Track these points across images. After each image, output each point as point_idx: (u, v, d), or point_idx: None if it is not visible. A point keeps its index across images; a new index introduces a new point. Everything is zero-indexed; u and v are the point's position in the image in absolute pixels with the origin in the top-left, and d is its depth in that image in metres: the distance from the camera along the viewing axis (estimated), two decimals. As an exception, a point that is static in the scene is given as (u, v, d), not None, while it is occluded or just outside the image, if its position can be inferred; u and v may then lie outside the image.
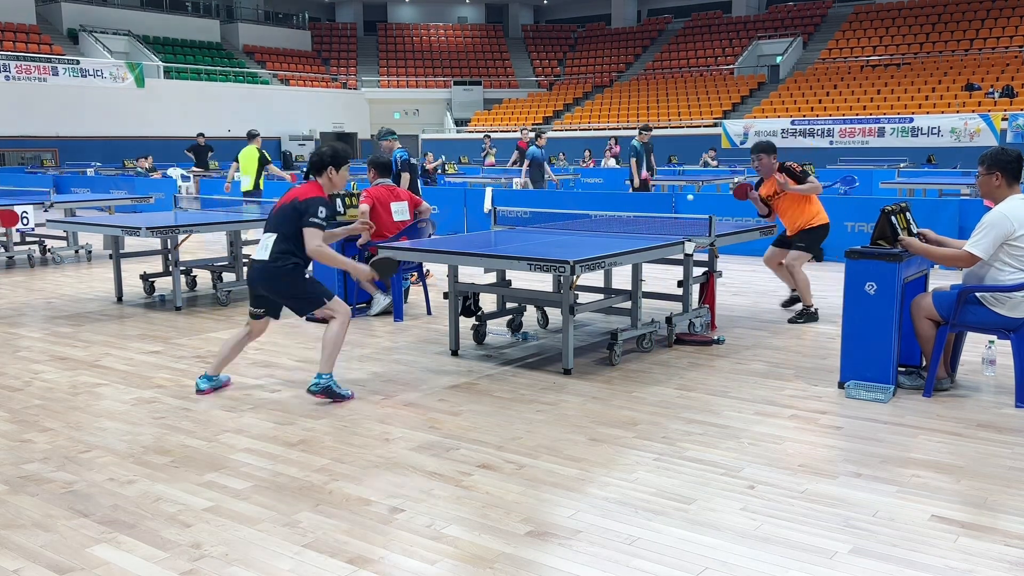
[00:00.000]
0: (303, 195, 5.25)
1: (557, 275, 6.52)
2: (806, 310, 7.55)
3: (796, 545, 3.36)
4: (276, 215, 5.32)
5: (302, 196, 5.25)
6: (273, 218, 5.32)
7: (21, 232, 11.64)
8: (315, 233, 5.17)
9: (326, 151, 5.37)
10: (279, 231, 5.23)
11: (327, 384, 5.26)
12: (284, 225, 5.23)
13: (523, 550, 3.34)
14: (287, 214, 5.24)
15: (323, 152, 5.37)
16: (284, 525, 3.58)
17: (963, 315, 5.12)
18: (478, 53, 43.78)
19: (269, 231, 5.29)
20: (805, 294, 7.55)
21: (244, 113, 35.09)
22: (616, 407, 5.13)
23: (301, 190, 5.32)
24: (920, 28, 33.37)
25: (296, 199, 5.24)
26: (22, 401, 5.37)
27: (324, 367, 5.27)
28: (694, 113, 32.92)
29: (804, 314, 7.54)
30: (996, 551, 3.30)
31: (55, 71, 30.12)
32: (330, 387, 5.27)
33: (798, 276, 7.53)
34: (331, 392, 5.27)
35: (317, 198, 5.24)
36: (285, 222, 5.23)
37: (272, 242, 5.21)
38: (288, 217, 5.23)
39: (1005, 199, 5.07)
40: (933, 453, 4.32)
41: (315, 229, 5.17)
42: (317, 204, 5.20)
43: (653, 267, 7.05)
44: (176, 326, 7.59)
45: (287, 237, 5.20)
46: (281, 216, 5.27)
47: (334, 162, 5.35)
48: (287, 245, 5.19)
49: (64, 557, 3.31)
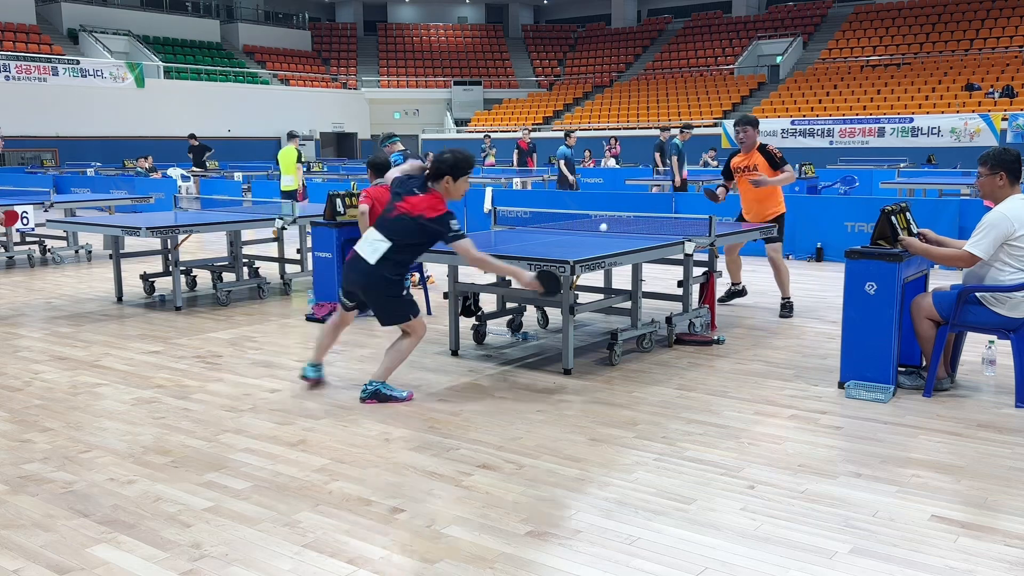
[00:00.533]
0: (429, 212, 5.01)
1: (557, 275, 6.52)
2: (787, 302, 7.76)
3: (796, 545, 3.36)
4: (394, 222, 5.09)
5: (428, 214, 5.01)
6: (389, 223, 5.11)
7: (21, 232, 11.63)
8: (466, 244, 5.08)
9: (447, 158, 5.10)
10: (394, 240, 5.06)
11: (376, 388, 5.23)
12: (401, 236, 5.05)
13: (523, 550, 3.34)
14: (408, 227, 5.04)
15: (444, 159, 5.11)
16: (284, 525, 3.58)
17: (963, 315, 5.12)
18: (478, 53, 43.78)
19: (384, 236, 5.08)
20: (786, 285, 7.74)
21: (244, 113, 35.15)
22: (616, 407, 5.13)
23: (425, 204, 5.05)
24: (920, 28, 33.37)
25: (423, 216, 5.01)
26: (22, 401, 5.37)
27: (379, 375, 5.26)
28: (694, 113, 32.91)
29: (786, 306, 7.76)
30: (996, 551, 3.30)
31: (55, 71, 30.13)
32: (378, 391, 5.23)
33: (782, 267, 7.73)
34: (380, 395, 5.23)
35: (445, 214, 5.04)
36: (404, 234, 5.05)
37: (385, 249, 5.04)
38: (409, 230, 5.04)
39: (1006, 199, 5.07)
40: (933, 453, 4.32)
41: (464, 241, 5.07)
42: (448, 219, 5.04)
43: (653, 267, 7.05)
44: (176, 326, 7.59)
45: (401, 248, 5.07)
46: (401, 226, 5.06)
47: (453, 172, 5.09)
48: (400, 256, 5.08)
49: (64, 557, 3.31)
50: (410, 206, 5.09)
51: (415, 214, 5.06)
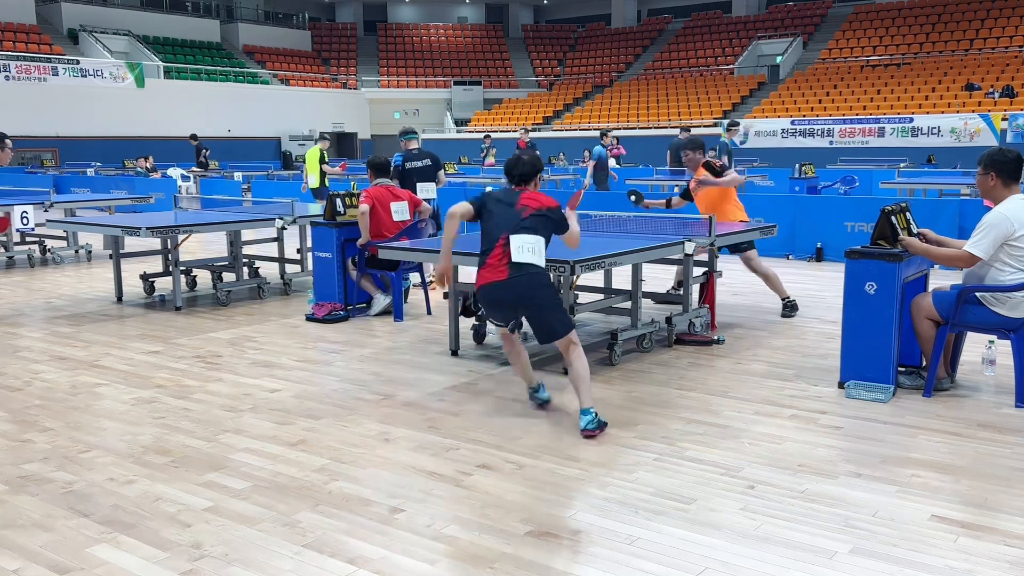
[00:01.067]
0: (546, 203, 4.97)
1: (557, 275, 6.52)
2: (789, 302, 7.82)
3: (796, 545, 3.36)
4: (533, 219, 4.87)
5: (546, 204, 4.95)
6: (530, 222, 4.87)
7: (21, 232, 11.64)
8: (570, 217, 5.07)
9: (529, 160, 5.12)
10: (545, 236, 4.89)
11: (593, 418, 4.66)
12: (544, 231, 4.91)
13: (523, 550, 3.34)
14: (543, 223, 4.91)
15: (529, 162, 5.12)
16: (284, 525, 3.58)
17: (963, 315, 5.12)
18: (478, 53, 43.79)
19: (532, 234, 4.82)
20: (779, 287, 7.80)
21: (244, 113, 35.15)
22: (616, 407, 5.13)
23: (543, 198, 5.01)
24: (920, 28, 33.37)
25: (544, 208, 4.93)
26: (22, 401, 5.37)
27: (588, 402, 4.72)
28: (694, 113, 32.92)
29: (788, 306, 7.81)
30: (996, 551, 3.30)
31: (55, 71, 30.13)
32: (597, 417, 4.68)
33: (766, 272, 7.76)
34: (600, 423, 4.68)
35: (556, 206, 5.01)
36: (543, 230, 4.91)
37: (543, 247, 4.85)
38: (545, 225, 4.92)
39: (1005, 199, 5.07)
40: (933, 453, 4.32)
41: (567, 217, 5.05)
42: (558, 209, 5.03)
43: (653, 267, 7.04)
44: (176, 326, 7.59)
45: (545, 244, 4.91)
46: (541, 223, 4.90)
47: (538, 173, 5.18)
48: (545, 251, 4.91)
49: (64, 557, 3.32)
50: (537, 202, 4.94)
51: (540, 207, 4.92)
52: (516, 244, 4.78)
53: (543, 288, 4.83)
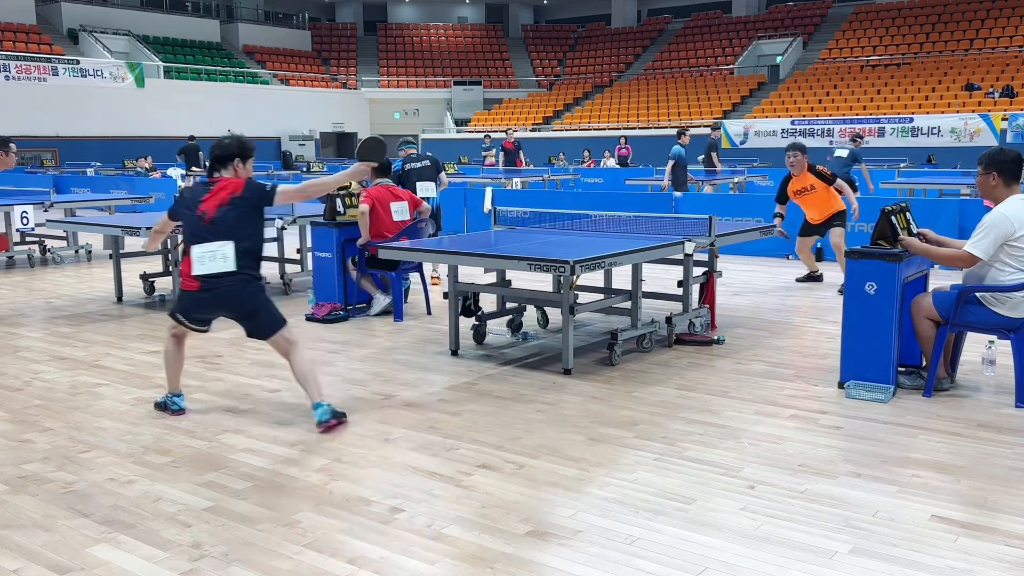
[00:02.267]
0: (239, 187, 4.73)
1: (557, 275, 6.52)
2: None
3: (796, 545, 3.36)
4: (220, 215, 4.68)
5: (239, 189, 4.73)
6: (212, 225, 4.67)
7: (21, 232, 11.64)
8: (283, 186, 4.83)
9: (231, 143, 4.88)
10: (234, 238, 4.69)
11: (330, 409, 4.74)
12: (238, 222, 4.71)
13: (523, 550, 3.34)
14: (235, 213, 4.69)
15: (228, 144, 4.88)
16: (284, 525, 3.58)
17: (963, 315, 5.12)
18: (478, 53, 43.78)
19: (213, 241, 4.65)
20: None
21: (244, 113, 35.12)
22: (616, 407, 5.13)
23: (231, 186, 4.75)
24: (920, 28, 33.37)
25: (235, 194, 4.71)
26: (22, 401, 5.37)
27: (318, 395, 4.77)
28: (694, 113, 32.91)
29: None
30: (996, 551, 3.30)
31: (55, 71, 30.12)
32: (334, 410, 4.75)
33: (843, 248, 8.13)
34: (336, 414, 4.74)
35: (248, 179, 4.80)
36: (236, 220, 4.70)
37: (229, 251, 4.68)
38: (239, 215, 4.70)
39: (1005, 199, 5.07)
40: (933, 453, 4.32)
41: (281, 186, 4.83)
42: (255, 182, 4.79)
43: (653, 267, 7.04)
44: (176, 326, 7.58)
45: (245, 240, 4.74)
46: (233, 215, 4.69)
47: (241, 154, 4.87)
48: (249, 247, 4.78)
49: (64, 557, 3.31)
50: (217, 198, 4.71)
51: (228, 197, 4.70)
52: (195, 256, 4.66)
53: (239, 295, 4.74)
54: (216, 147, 4.89)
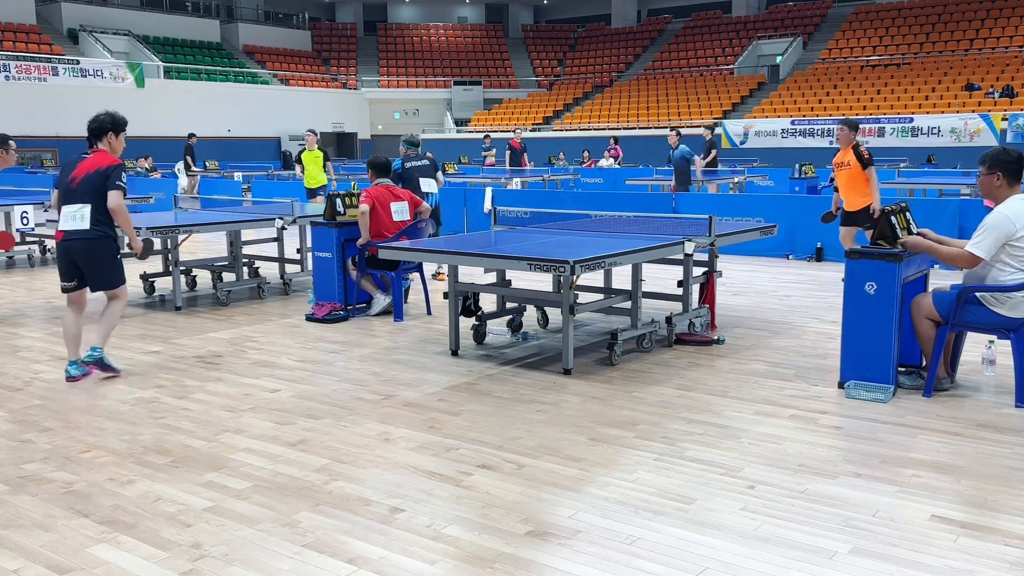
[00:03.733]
0: (107, 162, 5.64)
1: (557, 275, 6.53)
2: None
3: (796, 545, 3.36)
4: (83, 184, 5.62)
5: (106, 164, 5.63)
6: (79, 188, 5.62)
7: (21, 232, 11.63)
8: (118, 194, 5.62)
9: (105, 119, 5.82)
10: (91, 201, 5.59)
11: (100, 357, 5.73)
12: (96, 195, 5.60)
13: (523, 550, 3.34)
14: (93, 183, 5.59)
15: (103, 119, 5.81)
16: (284, 525, 3.58)
17: (963, 315, 5.12)
18: (478, 53, 43.77)
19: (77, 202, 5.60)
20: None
21: (244, 113, 35.13)
22: (616, 407, 5.13)
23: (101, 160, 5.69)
24: (920, 28, 33.36)
25: (101, 168, 5.61)
26: (22, 401, 5.37)
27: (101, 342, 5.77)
28: (694, 113, 32.91)
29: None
30: (996, 551, 3.30)
31: (55, 71, 30.11)
32: (102, 360, 5.74)
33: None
34: (103, 364, 5.75)
35: (119, 164, 5.73)
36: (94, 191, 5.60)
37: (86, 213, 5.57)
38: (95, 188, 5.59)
39: (1006, 199, 5.07)
40: (933, 453, 4.32)
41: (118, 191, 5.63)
42: (121, 169, 5.70)
43: (653, 267, 7.05)
44: (176, 326, 7.59)
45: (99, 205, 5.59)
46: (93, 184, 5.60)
47: (114, 128, 5.80)
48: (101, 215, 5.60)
49: (64, 557, 3.31)
50: (96, 163, 5.66)
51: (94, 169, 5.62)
52: (64, 213, 5.64)
53: (87, 252, 5.62)
54: (92, 122, 5.83)
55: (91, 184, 5.59)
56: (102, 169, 5.60)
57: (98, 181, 5.58)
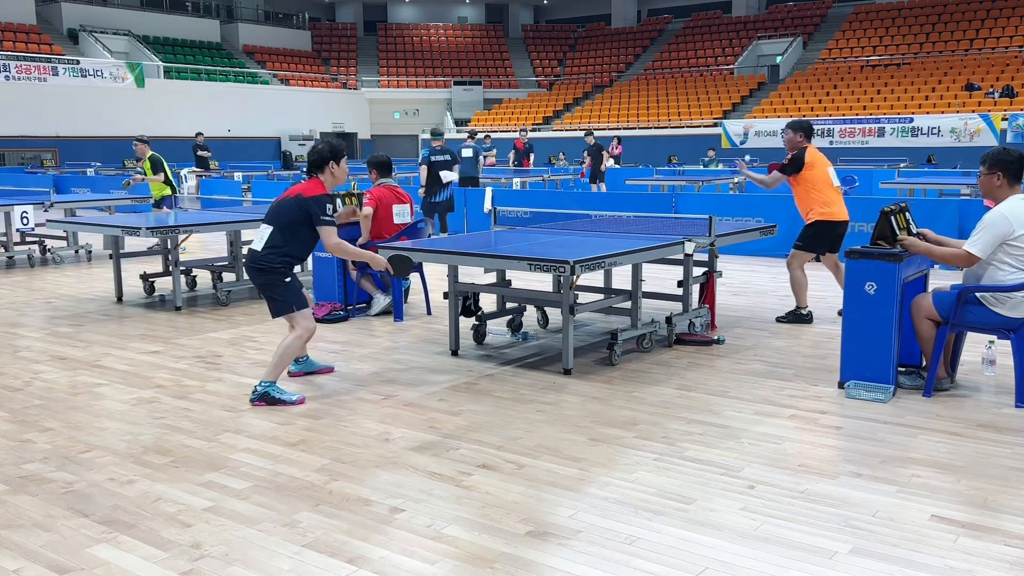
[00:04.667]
0: (308, 192, 5.30)
1: (557, 275, 6.52)
2: (796, 311, 7.41)
3: (796, 545, 3.36)
4: (277, 208, 5.38)
5: (307, 193, 5.30)
6: (273, 211, 5.39)
7: (21, 232, 11.64)
8: (331, 231, 5.28)
9: (324, 147, 5.43)
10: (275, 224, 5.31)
11: (264, 391, 5.23)
12: (281, 218, 5.30)
13: (523, 550, 3.34)
14: (284, 209, 5.31)
15: (321, 149, 5.42)
16: (284, 525, 3.58)
17: (963, 315, 5.12)
18: (478, 53, 43.77)
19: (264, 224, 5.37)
20: (796, 294, 7.39)
21: (244, 113, 35.14)
22: (616, 407, 5.13)
23: (305, 187, 5.37)
24: (920, 28, 33.37)
25: (301, 195, 5.30)
26: (22, 401, 5.37)
27: (269, 375, 5.29)
28: (694, 113, 32.91)
29: (791, 314, 7.42)
30: (996, 551, 3.30)
31: (55, 71, 30.12)
32: (267, 393, 5.23)
33: (791, 275, 7.35)
34: (269, 398, 5.22)
35: (324, 195, 5.33)
36: (282, 216, 5.30)
37: (266, 234, 5.30)
38: (282, 213, 5.30)
39: (1006, 199, 5.07)
40: (933, 453, 4.32)
41: (329, 227, 5.28)
42: (324, 201, 5.30)
43: (653, 267, 7.05)
44: (176, 326, 7.59)
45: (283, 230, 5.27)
46: (283, 209, 5.33)
47: (334, 156, 5.41)
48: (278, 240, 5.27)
49: (64, 557, 3.31)
50: (296, 191, 5.39)
51: (294, 195, 5.34)
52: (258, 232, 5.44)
53: (254, 271, 5.33)
54: (310, 153, 5.49)
55: (280, 207, 5.34)
56: (302, 197, 5.26)
57: (289, 205, 5.28)
